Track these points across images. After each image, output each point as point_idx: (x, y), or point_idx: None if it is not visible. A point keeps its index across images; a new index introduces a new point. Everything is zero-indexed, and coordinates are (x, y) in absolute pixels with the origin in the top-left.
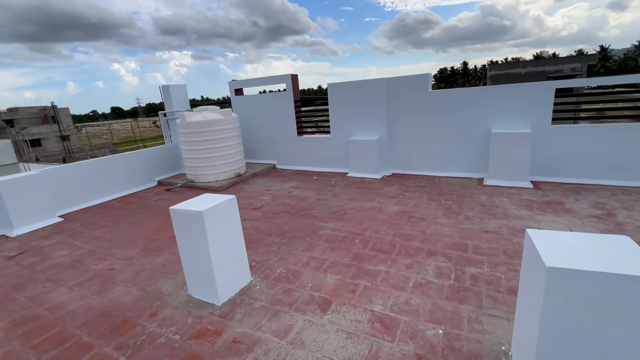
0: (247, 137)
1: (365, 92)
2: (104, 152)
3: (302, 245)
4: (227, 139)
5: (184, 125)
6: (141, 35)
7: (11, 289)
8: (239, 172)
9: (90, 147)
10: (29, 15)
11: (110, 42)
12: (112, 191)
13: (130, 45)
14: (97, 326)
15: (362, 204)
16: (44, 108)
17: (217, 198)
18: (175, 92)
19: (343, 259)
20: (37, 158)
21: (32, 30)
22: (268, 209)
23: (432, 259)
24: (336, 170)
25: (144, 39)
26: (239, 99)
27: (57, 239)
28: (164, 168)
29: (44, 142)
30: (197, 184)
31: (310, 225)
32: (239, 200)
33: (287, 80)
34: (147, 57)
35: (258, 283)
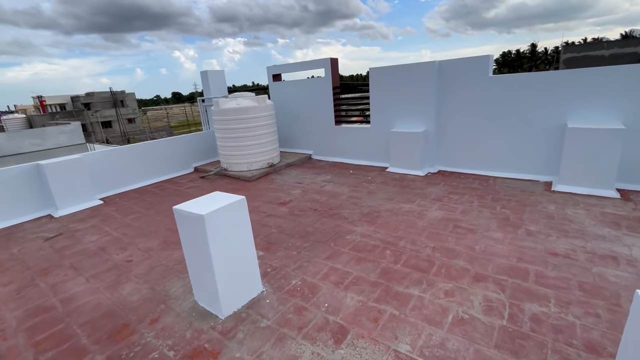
0: (282, 125)
1: (411, 78)
2: (162, 135)
3: (324, 252)
4: (261, 127)
5: (218, 112)
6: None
7: (38, 274)
8: (271, 162)
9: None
10: (103, 7)
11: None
12: (151, 176)
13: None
14: (99, 328)
15: (400, 205)
16: (115, 93)
17: (226, 198)
18: (213, 78)
19: (369, 275)
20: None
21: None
22: (295, 205)
23: (480, 286)
24: (375, 164)
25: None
26: (276, 85)
27: (91, 223)
28: (201, 154)
29: (113, 124)
30: (229, 173)
31: (337, 228)
32: (268, 192)
33: (326, 64)
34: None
35: (269, 295)
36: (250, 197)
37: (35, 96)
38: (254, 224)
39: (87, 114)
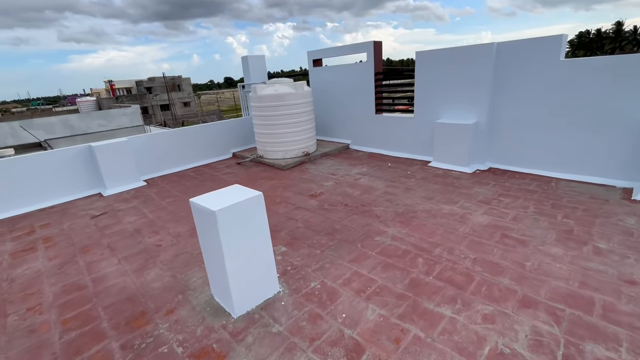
0: (321, 113)
1: (463, 62)
2: (212, 118)
3: (350, 254)
4: (297, 114)
5: (255, 99)
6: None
7: (79, 251)
8: (307, 150)
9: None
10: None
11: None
12: (191, 160)
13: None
14: (120, 312)
15: (440, 206)
16: (173, 78)
17: (243, 193)
18: (253, 64)
19: (395, 285)
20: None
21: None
22: (326, 199)
23: (528, 314)
24: (416, 157)
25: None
26: (316, 70)
27: (133, 204)
28: (240, 140)
29: (171, 107)
30: (264, 160)
31: (367, 227)
32: (300, 183)
33: (368, 48)
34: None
35: (285, 297)
36: (282, 187)
37: (106, 80)
38: (281, 216)
39: (148, 98)
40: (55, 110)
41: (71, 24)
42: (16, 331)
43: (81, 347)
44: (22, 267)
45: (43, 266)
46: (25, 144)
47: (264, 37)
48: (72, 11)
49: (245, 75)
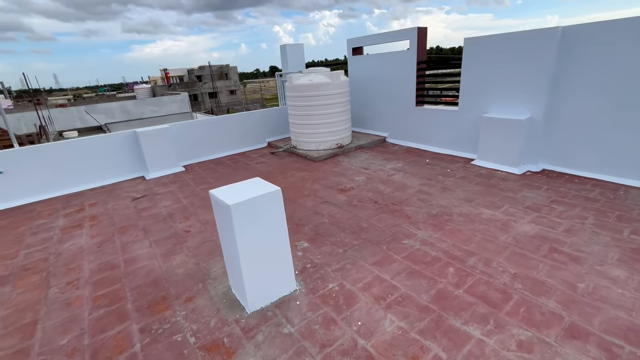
0: (358, 104)
1: (519, 49)
2: (256, 106)
3: (373, 256)
4: (332, 105)
5: (290, 88)
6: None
7: (118, 230)
8: (341, 142)
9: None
10: None
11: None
12: (228, 147)
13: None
14: (144, 295)
15: (480, 210)
16: (221, 67)
17: (262, 188)
18: (292, 52)
19: (420, 295)
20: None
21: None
22: (356, 194)
23: (576, 346)
24: (459, 154)
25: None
26: (355, 59)
27: (170, 189)
28: (275, 130)
29: (219, 95)
30: (297, 151)
31: (395, 228)
32: (330, 176)
33: (411, 35)
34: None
35: (301, 296)
36: (311, 180)
37: (162, 69)
38: (307, 210)
39: (198, 86)
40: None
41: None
42: (55, 303)
43: (106, 326)
44: (68, 243)
45: (85, 243)
46: (89, 127)
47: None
48: (134, 4)
49: (283, 64)
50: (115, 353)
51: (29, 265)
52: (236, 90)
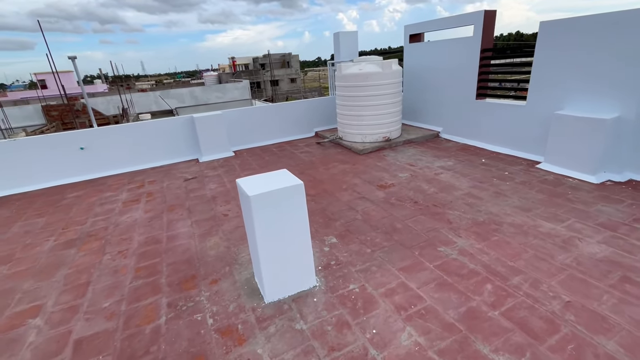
0: (411, 95)
1: (610, 35)
2: (313, 95)
3: (403, 260)
4: (382, 96)
5: (339, 77)
6: None
7: (167, 208)
8: (388, 136)
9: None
10: None
11: None
12: (276, 135)
13: None
14: (177, 272)
15: (537, 222)
16: (283, 55)
17: (285, 180)
18: (345, 40)
19: (447, 311)
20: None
21: None
22: (395, 192)
23: None
24: (522, 154)
25: None
26: (411, 47)
27: (218, 172)
28: (323, 120)
29: (280, 83)
30: (343, 142)
31: (432, 233)
32: (372, 170)
33: (476, 19)
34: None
35: (319, 293)
36: (352, 173)
37: (230, 57)
38: (342, 204)
39: (261, 73)
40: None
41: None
42: (106, 269)
43: (140, 296)
44: (126, 215)
45: (139, 217)
46: (163, 110)
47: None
48: None
49: (335, 52)
50: (144, 322)
51: (93, 232)
52: (296, 79)
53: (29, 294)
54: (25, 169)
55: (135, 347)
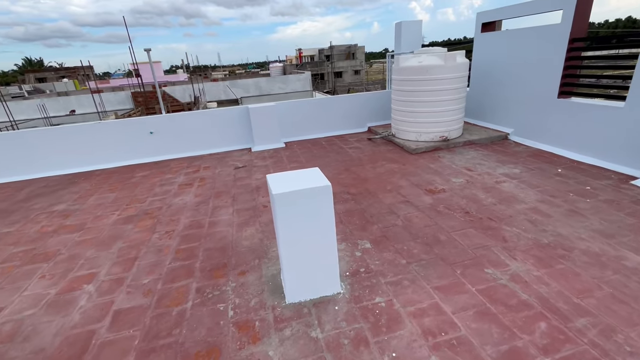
0: (479, 91)
1: None
2: (376, 87)
3: (441, 278)
4: (442, 91)
5: (397, 71)
6: None
7: (214, 195)
8: (446, 135)
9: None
10: None
11: None
12: (328, 129)
13: None
14: (211, 258)
15: (622, 252)
16: (349, 46)
17: (314, 180)
18: (407, 30)
19: (484, 346)
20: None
21: None
22: (445, 198)
23: None
24: (612, 166)
25: None
26: (483, 37)
27: (266, 163)
28: (377, 115)
29: (343, 75)
30: (395, 139)
31: (481, 250)
32: (423, 173)
33: (567, 3)
34: None
35: (342, 302)
36: (400, 174)
37: (296, 49)
38: (383, 207)
39: (325, 65)
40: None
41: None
42: (152, 247)
43: (175, 278)
44: (179, 198)
45: (189, 200)
46: (229, 99)
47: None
48: None
49: (395, 43)
50: (173, 304)
51: (149, 211)
52: (360, 71)
53: (89, 261)
54: (106, 149)
55: (161, 327)
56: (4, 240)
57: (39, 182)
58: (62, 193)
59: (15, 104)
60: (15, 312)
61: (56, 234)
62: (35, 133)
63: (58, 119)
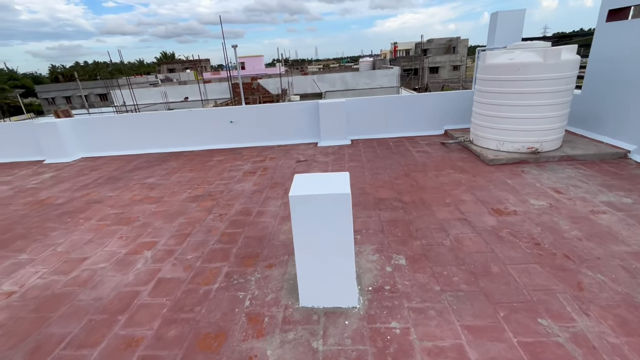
0: (594, 93)
1: None
2: None
3: (476, 317)
4: (538, 94)
5: (482, 69)
6: None
7: (269, 185)
8: (537, 147)
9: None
10: None
11: None
12: (399, 129)
13: None
14: (247, 246)
15: None
16: (450, 39)
17: (336, 186)
18: (504, 22)
19: None
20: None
21: None
22: (514, 222)
23: None
24: None
25: None
26: (608, 28)
27: (327, 159)
28: (457, 117)
29: (440, 70)
30: (472, 147)
31: (540, 294)
32: (494, 189)
33: None
34: None
35: (354, 318)
36: (466, 186)
37: (392, 42)
38: (433, 222)
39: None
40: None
41: None
42: (204, 227)
43: (212, 258)
44: (240, 184)
45: (247, 188)
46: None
47: None
48: None
49: (489, 37)
50: (202, 284)
51: (213, 193)
52: (459, 66)
53: (155, 231)
54: (194, 133)
55: (187, 302)
56: (106, 202)
57: (144, 157)
58: (155, 168)
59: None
60: (94, 263)
61: (140, 203)
62: (144, 116)
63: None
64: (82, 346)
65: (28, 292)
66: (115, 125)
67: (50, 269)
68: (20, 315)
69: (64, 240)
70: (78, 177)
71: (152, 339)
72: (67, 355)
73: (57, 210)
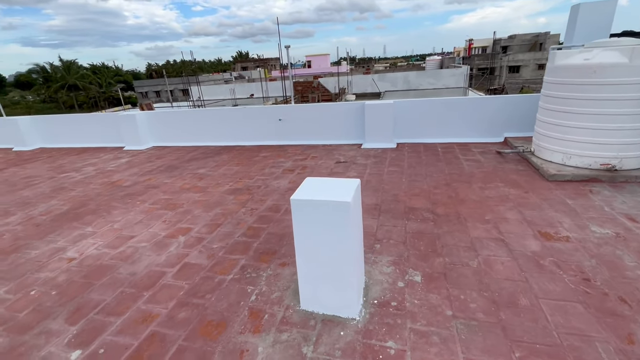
0: None
1: None
2: None
3: (484, 353)
4: (619, 101)
5: (550, 70)
6: None
7: None
8: (614, 163)
9: None
10: None
11: None
12: (452, 134)
13: None
14: (268, 242)
15: None
16: (537, 35)
17: (340, 193)
18: (587, 15)
19: None
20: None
21: None
22: (563, 251)
23: None
24: None
25: None
26: None
27: (367, 162)
28: (521, 124)
29: (522, 69)
30: (532, 158)
31: (573, 340)
32: (550, 209)
33: None
34: None
35: (351, 330)
36: (514, 203)
37: (467, 39)
38: (464, 239)
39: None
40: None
41: None
42: (235, 219)
43: (234, 250)
44: (277, 181)
45: (282, 186)
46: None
47: None
48: None
49: (567, 33)
50: (219, 273)
51: (251, 188)
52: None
53: (193, 218)
54: (247, 129)
55: (201, 288)
56: (161, 188)
57: (202, 150)
58: (207, 160)
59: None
60: (138, 242)
61: (188, 191)
62: (205, 112)
63: (240, 100)
64: (110, 314)
65: (84, 260)
66: (180, 119)
67: (104, 243)
68: (74, 279)
69: (121, 219)
70: (145, 163)
71: (164, 317)
72: (97, 319)
73: (122, 192)
